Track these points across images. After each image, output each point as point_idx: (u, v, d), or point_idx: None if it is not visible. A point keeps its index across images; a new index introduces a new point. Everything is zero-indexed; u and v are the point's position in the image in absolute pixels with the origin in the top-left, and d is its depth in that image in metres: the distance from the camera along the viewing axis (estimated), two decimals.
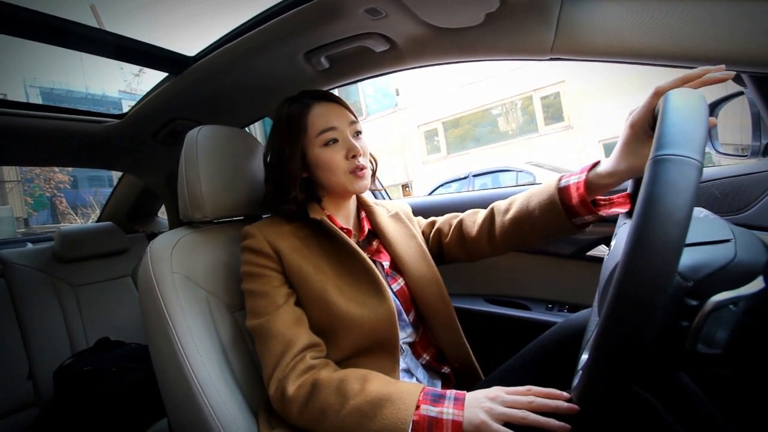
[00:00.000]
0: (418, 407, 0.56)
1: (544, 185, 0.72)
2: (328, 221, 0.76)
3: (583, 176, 0.65)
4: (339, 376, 0.62)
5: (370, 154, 0.84)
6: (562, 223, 0.68)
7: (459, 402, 0.56)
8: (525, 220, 0.74)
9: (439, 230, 0.90)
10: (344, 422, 0.58)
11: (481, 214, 0.83)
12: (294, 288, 0.73)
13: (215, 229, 0.87)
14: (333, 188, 0.78)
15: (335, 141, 0.75)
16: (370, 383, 0.60)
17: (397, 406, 0.56)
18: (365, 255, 0.75)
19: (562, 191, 0.68)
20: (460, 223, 0.86)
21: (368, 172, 0.77)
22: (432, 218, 0.95)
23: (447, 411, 0.55)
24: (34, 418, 1.26)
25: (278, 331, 0.67)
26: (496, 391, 0.55)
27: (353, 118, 0.78)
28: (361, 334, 0.69)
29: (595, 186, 0.64)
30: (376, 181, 0.89)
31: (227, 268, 0.82)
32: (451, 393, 0.58)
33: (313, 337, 0.69)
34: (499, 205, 0.80)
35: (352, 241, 0.76)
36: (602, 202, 0.67)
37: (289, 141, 0.76)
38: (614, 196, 0.66)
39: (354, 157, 0.74)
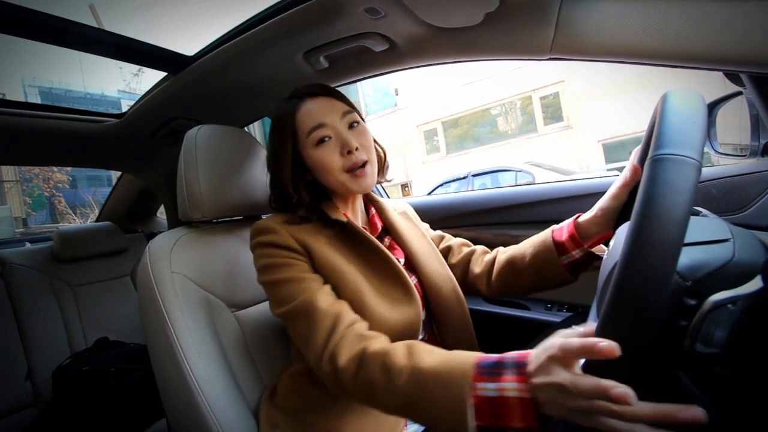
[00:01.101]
0: (474, 386, 0.46)
1: (541, 233, 0.77)
2: (354, 223, 0.73)
3: (572, 218, 0.73)
4: (386, 349, 0.56)
5: (377, 144, 0.79)
6: (553, 260, 0.72)
7: (522, 370, 0.44)
8: (519, 258, 0.78)
9: (449, 248, 0.89)
10: (394, 402, 0.52)
11: (489, 254, 0.86)
12: (326, 281, 0.69)
13: (214, 229, 0.87)
14: (335, 189, 0.74)
15: (328, 138, 0.70)
16: (417, 356, 0.53)
17: (448, 390, 0.47)
18: (392, 256, 0.73)
19: (554, 232, 0.74)
20: (471, 252, 0.87)
21: (370, 169, 0.72)
22: (441, 232, 0.94)
23: (510, 386, 0.44)
24: (32, 418, 1.26)
25: (326, 305, 0.62)
26: (564, 377, 0.41)
27: (347, 108, 0.73)
28: (389, 334, 0.66)
29: (583, 226, 0.71)
30: (386, 174, 0.86)
31: (226, 268, 0.82)
32: (510, 359, 0.46)
33: (356, 314, 0.65)
34: (502, 248, 0.84)
35: (379, 243, 0.73)
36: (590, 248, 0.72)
37: (281, 145, 0.73)
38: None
39: (350, 153, 0.69)
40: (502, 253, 0.82)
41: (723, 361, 0.39)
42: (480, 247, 0.89)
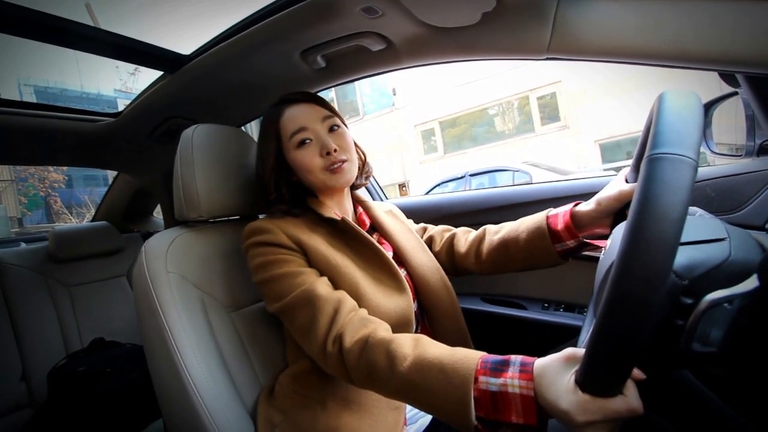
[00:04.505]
0: (476, 380, 0.47)
1: (535, 215, 0.78)
2: (348, 220, 0.76)
3: (569, 206, 0.73)
4: (391, 337, 0.57)
5: (358, 148, 0.84)
6: (546, 246, 0.73)
7: (526, 370, 0.46)
8: (512, 241, 0.78)
9: (431, 237, 0.92)
10: (395, 388, 0.53)
11: (473, 233, 0.87)
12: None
13: (211, 229, 0.87)
14: (317, 187, 0.78)
15: (309, 140, 0.74)
16: (421, 347, 0.54)
17: (451, 380, 0.48)
18: (383, 249, 0.76)
19: (550, 218, 0.75)
20: (453, 236, 0.90)
21: (350, 165, 0.76)
22: (423, 224, 0.97)
23: (512, 382, 0.45)
24: (27, 419, 1.25)
25: (326, 293, 0.64)
26: (579, 397, 0.41)
27: (327, 113, 0.77)
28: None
29: (580, 216, 0.71)
30: (371, 177, 0.89)
31: (223, 268, 0.82)
32: (516, 358, 0.48)
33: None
34: (491, 227, 0.85)
35: (371, 238, 0.77)
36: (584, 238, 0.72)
37: (266, 147, 0.77)
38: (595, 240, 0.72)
39: (329, 153, 0.73)
40: (494, 234, 0.83)
41: (720, 360, 0.39)
42: (461, 228, 0.91)
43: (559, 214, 0.74)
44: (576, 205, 0.73)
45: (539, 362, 0.46)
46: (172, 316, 0.71)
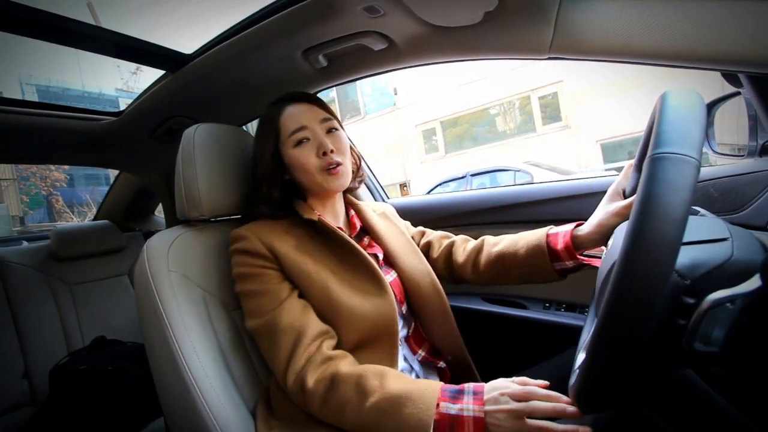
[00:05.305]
0: (438, 405, 0.55)
1: (535, 231, 0.78)
2: (324, 221, 0.76)
3: (570, 226, 0.73)
4: (358, 371, 0.62)
5: (353, 151, 0.85)
6: (545, 264, 0.73)
7: (478, 397, 0.55)
8: (510, 256, 0.78)
9: (429, 243, 0.92)
10: (364, 419, 0.58)
11: (472, 242, 0.88)
12: (295, 285, 0.72)
13: (212, 228, 0.87)
14: (311, 188, 0.79)
15: (306, 140, 0.76)
16: (388, 380, 0.60)
17: (417, 405, 0.55)
18: (363, 250, 0.76)
19: (550, 237, 0.74)
20: (451, 245, 0.90)
21: (344, 169, 0.77)
22: (422, 228, 0.97)
23: (467, 407, 0.54)
24: (29, 417, 1.26)
25: (287, 323, 0.66)
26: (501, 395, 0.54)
27: (326, 115, 0.79)
28: (363, 328, 0.69)
29: (581, 240, 0.71)
30: (367, 178, 0.90)
31: (224, 267, 0.82)
32: (469, 387, 0.57)
33: (322, 324, 0.69)
34: (490, 239, 0.86)
35: (350, 238, 0.76)
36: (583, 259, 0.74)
37: (263, 143, 0.78)
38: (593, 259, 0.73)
39: (325, 154, 0.74)
40: (492, 246, 0.83)
41: (721, 359, 0.39)
42: (460, 237, 0.91)
43: (560, 234, 0.73)
44: (577, 225, 0.73)
45: (487, 389, 0.56)
46: (174, 315, 0.71)
